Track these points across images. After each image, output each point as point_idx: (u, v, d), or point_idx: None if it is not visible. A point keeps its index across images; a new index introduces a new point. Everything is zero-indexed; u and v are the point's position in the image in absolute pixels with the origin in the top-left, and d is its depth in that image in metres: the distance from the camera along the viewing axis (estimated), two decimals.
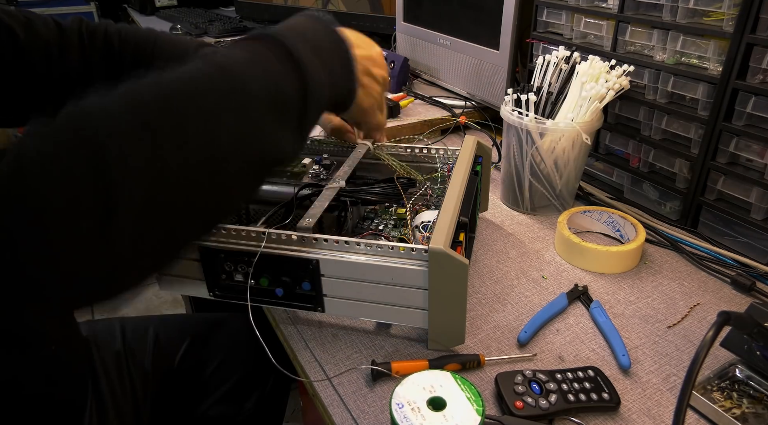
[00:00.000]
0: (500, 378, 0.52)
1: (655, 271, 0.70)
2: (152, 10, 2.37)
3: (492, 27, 1.00)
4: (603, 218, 0.77)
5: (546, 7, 0.91)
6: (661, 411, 0.51)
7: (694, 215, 0.76)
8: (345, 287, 0.56)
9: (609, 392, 0.51)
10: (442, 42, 1.17)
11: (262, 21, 2.00)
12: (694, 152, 0.74)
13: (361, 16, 1.46)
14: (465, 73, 1.13)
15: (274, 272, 0.57)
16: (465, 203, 0.61)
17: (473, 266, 0.71)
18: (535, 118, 0.75)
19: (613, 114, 0.84)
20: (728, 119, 0.69)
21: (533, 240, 0.77)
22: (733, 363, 0.54)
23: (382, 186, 0.64)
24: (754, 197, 0.68)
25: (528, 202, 0.83)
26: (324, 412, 0.53)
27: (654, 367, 0.56)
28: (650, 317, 0.62)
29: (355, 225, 0.70)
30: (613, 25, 0.80)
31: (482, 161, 0.74)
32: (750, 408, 0.50)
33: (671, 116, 0.76)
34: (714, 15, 0.68)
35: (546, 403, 0.49)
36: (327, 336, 0.60)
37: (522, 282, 0.68)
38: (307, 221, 0.57)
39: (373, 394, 0.53)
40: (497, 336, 0.60)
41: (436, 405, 0.42)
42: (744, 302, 0.64)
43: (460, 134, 1.09)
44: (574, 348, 0.58)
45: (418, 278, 0.53)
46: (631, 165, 0.84)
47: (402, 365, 0.54)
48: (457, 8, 1.11)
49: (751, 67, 0.65)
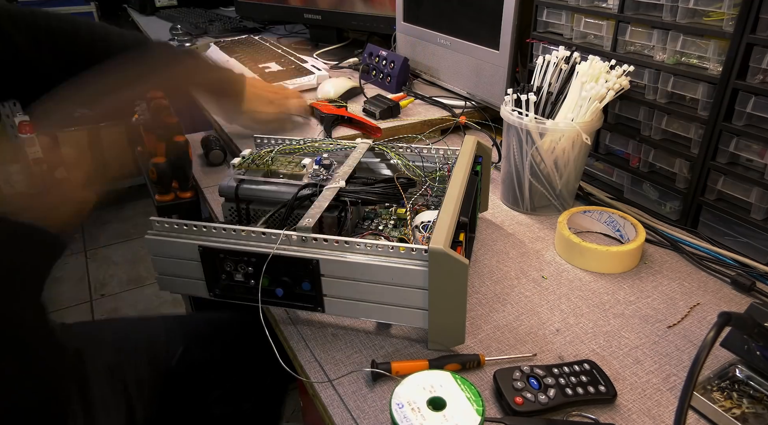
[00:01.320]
0: (499, 375, 0.52)
1: (655, 271, 0.70)
2: (152, 10, 2.37)
3: (492, 27, 1.00)
4: (603, 218, 0.77)
5: (546, 7, 0.91)
6: (661, 411, 0.51)
7: (694, 215, 0.76)
8: (345, 287, 0.56)
9: (605, 384, 0.52)
10: (442, 42, 1.17)
11: (262, 21, 2.00)
12: (694, 152, 0.74)
13: (361, 16, 1.46)
14: (465, 73, 1.13)
15: (274, 273, 0.57)
16: (465, 203, 0.61)
17: (473, 266, 0.71)
18: (535, 118, 0.75)
19: (613, 114, 0.84)
20: (728, 119, 0.69)
21: (533, 240, 0.77)
22: (733, 363, 0.54)
23: (382, 186, 0.64)
24: (754, 197, 0.68)
25: (528, 202, 0.83)
26: (324, 412, 0.53)
27: (654, 367, 0.56)
28: (650, 317, 0.62)
29: (355, 225, 0.70)
30: (613, 25, 0.80)
31: (482, 161, 0.74)
32: (750, 408, 0.50)
33: (671, 116, 0.76)
34: (714, 15, 0.68)
35: (545, 398, 0.50)
36: (327, 336, 0.60)
37: (522, 282, 0.68)
38: (307, 221, 0.57)
39: (373, 394, 0.53)
40: (497, 336, 0.60)
41: (436, 405, 0.42)
42: (744, 302, 0.64)
43: (460, 134, 1.09)
44: (574, 347, 0.58)
45: (418, 278, 0.53)
46: (631, 165, 0.84)
47: (402, 365, 0.54)
48: (457, 8, 1.11)
49: (751, 67, 0.65)
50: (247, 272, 0.58)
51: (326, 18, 1.54)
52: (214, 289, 0.60)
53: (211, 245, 0.57)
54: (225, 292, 0.60)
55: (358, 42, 1.60)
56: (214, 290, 0.60)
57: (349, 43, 1.61)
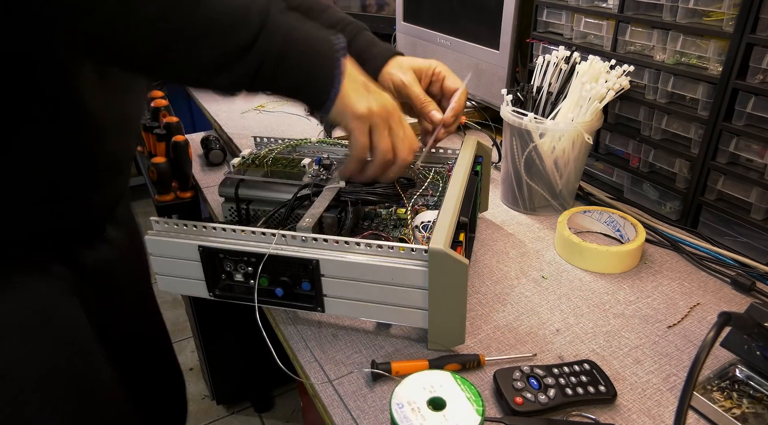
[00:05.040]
0: (499, 375, 0.52)
1: (655, 271, 0.70)
2: None
3: (492, 27, 1.00)
4: (603, 218, 0.77)
5: (546, 7, 0.91)
6: (661, 411, 0.51)
7: (694, 215, 0.76)
8: (345, 287, 0.56)
9: (605, 384, 0.52)
10: (442, 42, 1.17)
11: None
12: (694, 152, 0.74)
13: (361, 16, 1.46)
14: (465, 73, 1.13)
15: (273, 273, 0.57)
16: (465, 203, 0.61)
17: (473, 266, 0.71)
18: (535, 118, 0.75)
19: (613, 114, 0.84)
20: (728, 119, 0.69)
21: (533, 240, 0.77)
22: (733, 363, 0.54)
23: (382, 186, 0.64)
24: (754, 197, 0.68)
25: (528, 202, 0.83)
26: (324, 412, 0.53)
27: (654, 367, 0.56)
28: (650, 317, 0.62)
29: (355, 225, 0.70)
30: (613, 25, 0.80)
31: (482, 161, 0.74)
32: (750, 408, 0.50)
33: (671, 116, 0.76)
34: (714, 15, 0.68)
35: (545, 398, 0.50)
36: (327, 336, 0.60)
37: (522, 282, 0.68)
38: (306, 221, 0.57)
39: (373, 394, 0.53)
40: (497, 336, 0.60)
41: (436, 405, 0.42)
42: (744, 302, 0.64)
43: (460, 134, 1.09)
44: (574, 347, 0.58)
45: (418, 278, 0.53)
46: (631, 165, 0.84)
47: (402, 365, 0.54)
48: (457, 8, 1.11)
49: (751, 67, 0.65)
50: (246, 272, 0.58)
51: None
52: (214, 289, 0.60)
53: (211, 245, 0.57)
54: (225, 292, 0.60)
55: None
56: (214, 291, 0.60)
57: None
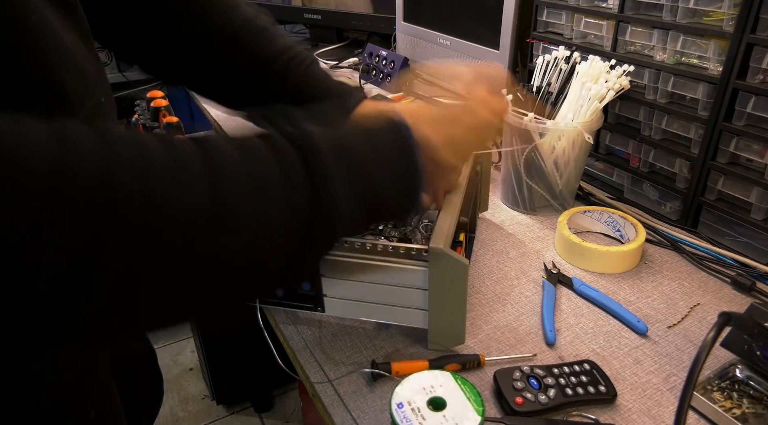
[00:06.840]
0: (499, 375, 0.52)
1: (655, 271, 0.70)
2: None
3: (492, 27, 1.00)
4: (603, 218, 0.77)
5: (546, 7, 0.91)
6: (661, 411, 0.51)
7: (694, 215, 0.76)
8: (345, 287, 0.56)
9: (605, 384, 0.52)
10: (442, 42, 1.17)
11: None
12: (694, 152, 0.74)
13: (362, 15, 1.46)
14: None
15: None
16: (465, 203, 0.60)
17: (473, 266, 0.71)
18: (535, 118, 0.75)
19: (613, 114, 0.84)
20: (728, 119, 0.68)
21: (533, 240, 0.77)
22: (733, 363, 0.54)
23: None
24: (754, 197, 0.68)
25: (528, 202, 0.83)
26: (324, 412, 0.53)
27: (654, 367, 0.56)
28: (650, 317, 0.62)
29: None
30: (613, 25, 0.80)
31: (482, 161, 0.74)
32: (750, 408, 0.50)
33: (671, 116, 0.76)
34: (714, 15, 0.68)
35: (545, 398, 0.50)
36: (327, 336, 0.60)
37: (522, 282, 0.68)
38: None
39: (373, 394, 0.53)
40: (497, 336, 0.60)
41: (436, 406, 0.42)
42: (744, 302, 0.64)
43: None
44: (574, 347, 0.58)
45: (418, 279, 0.53)
46: (631, 165, 0.84)
47: (402, 365, 0.54)
48: (457, 8, 1.11)
49: (751, 67, 0.65)
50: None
51: (326, 18, 1.54)
52: None
53: None
54: None
55: (358, 42, 1.60)
56: None
57: (349, 43, 1.61)
